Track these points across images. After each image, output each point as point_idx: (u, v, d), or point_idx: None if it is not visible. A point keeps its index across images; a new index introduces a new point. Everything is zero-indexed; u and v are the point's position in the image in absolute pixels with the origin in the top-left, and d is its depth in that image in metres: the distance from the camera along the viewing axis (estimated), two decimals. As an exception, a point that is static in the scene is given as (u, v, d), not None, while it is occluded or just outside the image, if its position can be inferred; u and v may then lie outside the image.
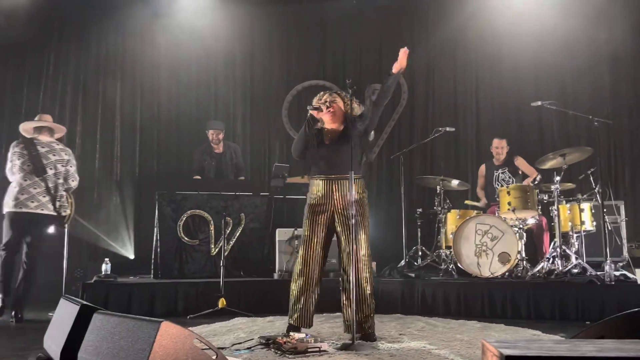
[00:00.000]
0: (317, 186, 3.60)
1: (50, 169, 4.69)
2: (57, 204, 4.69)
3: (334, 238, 3.68)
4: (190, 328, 3.85)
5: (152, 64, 7.29)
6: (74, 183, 4.92)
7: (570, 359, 1.78)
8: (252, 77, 7.59)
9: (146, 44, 7.28)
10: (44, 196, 4.62)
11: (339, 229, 3.58)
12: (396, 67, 3.71)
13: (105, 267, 5.07)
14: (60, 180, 4.76)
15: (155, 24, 7.21)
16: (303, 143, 3.64)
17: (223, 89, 7.48)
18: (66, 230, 4.83)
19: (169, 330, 2.19)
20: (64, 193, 4.78)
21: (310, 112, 3.64)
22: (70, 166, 4.88)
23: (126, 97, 7.22)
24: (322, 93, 3.73)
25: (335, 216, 3.57)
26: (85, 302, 2.69)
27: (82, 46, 7.15)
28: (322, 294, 5.14)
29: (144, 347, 2.17)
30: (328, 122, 3.67)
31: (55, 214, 4.68)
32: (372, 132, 3.92)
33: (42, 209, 4.60)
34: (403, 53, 3.73)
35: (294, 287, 3.63)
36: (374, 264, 5.88)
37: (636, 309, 2.37)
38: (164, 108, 7.30)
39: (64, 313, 2.84)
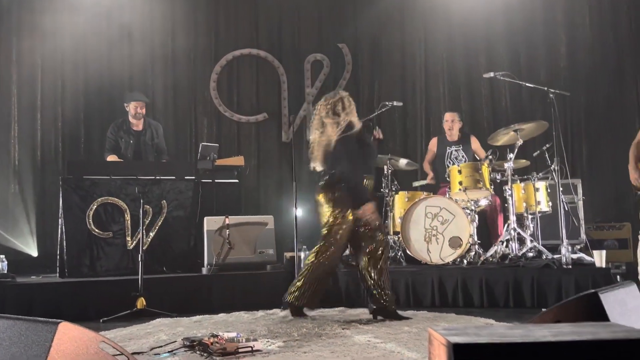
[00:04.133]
0: None
1: None
2: None
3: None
4: (102, 332, 3.71)
5: (55, 30, 6.91)
6: None
7: (524, 345, 1.79)
8: (174, 45, 7.35)
9: (46, 7, 6.89)
10: None
11: None
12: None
13: (1, 266, 4.81)
14: None
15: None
16: None
17: (140, 58, 7.19)
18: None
19: (68, 333, 2.08)
20: None
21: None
22: None
23: (25, 69, 6.83)
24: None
25: None
26: (-32, 305, 2.52)
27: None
28: (259, 288, 5.16)
29: (39, 353, 2.06)
30: None
31: None
32: None
33: None
34: None
35: None
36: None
37: (592, 290, 2.43)
38: (69, 82, 6.95)
39: (-57, 319, 2.64)
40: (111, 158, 5.93)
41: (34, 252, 6.55)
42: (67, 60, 6.96)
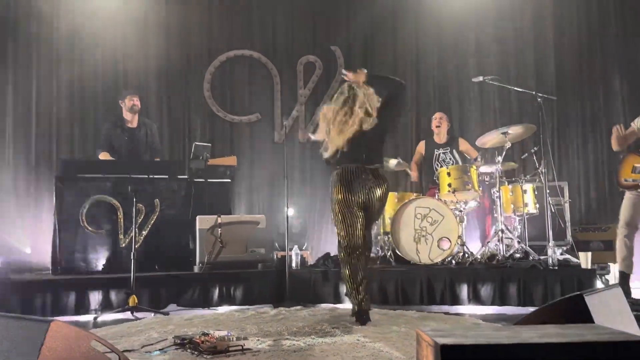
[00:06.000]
0: None
1: None
2: None
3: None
4: (93, 330, 3.69)
5: (49, 29, 6.87)
6: None
7: (511, 346, 1.79)
8: (168, 45, 7.31)
9: (41, 7, 6.84)
10: None
11: None
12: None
13: (-5, 263, 4.77)
14: None
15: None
16: None
17: (134, 58, 7.15)
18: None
19: (60, 331, 2.06)
20: None
21: None
22: None
23: (19, 68, 6.78)
24: None
25: None
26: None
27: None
28: (250, 287, 5.14)
29: (31, 351, 2.04)
30: None
31: None
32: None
33: None
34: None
35: None
36: (307, 252, 5.89)
37: (578, 292, 2.44)
38: (63, 80, 6.90)
39: None
40: (103, 155, 5.89)
41: (27, 249, 6.50)
42: (62, 60, 6.91)
